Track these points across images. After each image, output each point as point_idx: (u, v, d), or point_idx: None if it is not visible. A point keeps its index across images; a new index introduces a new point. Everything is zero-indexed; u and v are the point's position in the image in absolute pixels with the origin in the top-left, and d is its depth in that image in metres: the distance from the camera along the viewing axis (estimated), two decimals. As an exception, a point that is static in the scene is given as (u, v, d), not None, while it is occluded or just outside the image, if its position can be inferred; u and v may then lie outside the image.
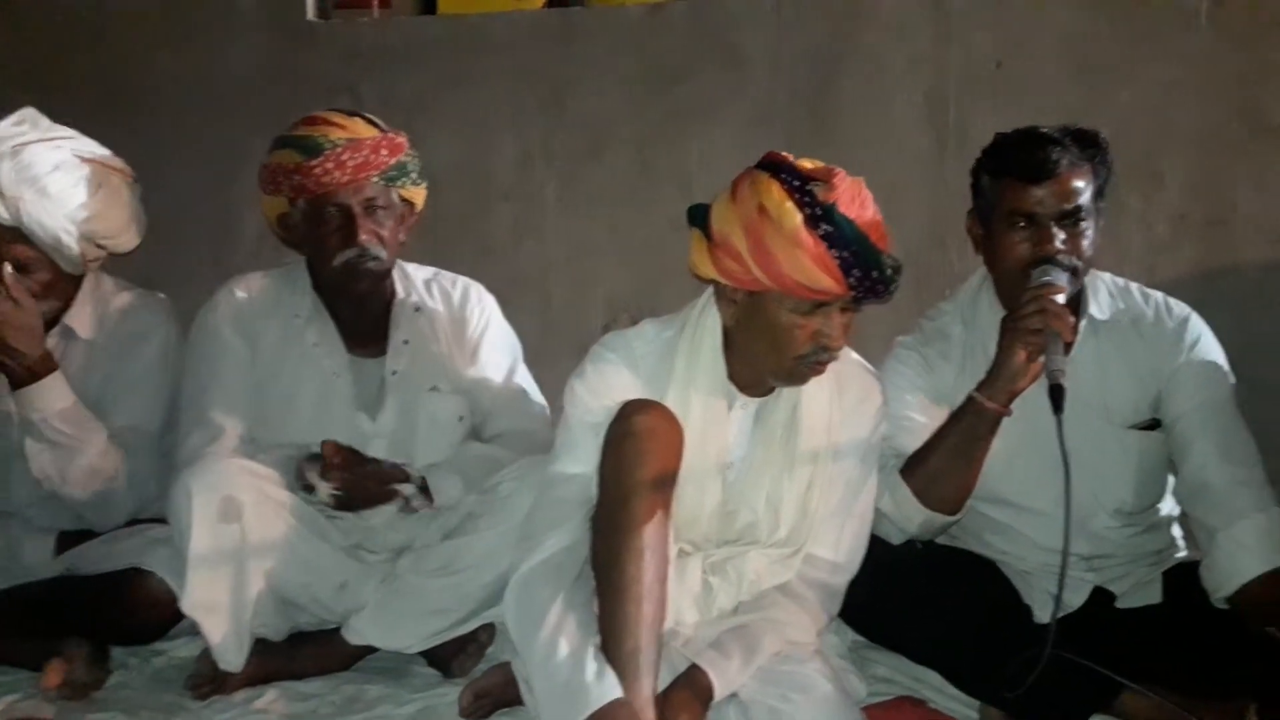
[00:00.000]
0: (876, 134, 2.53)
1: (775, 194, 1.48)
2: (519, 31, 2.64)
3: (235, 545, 1.66)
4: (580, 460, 1.54)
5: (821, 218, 1.45)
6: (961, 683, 1.66)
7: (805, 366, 1.53)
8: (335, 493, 1.74)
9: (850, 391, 1.66)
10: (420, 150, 2.03)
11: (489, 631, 1.82)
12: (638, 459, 1.45)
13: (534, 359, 2.17)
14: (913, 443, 1.73)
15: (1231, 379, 1.79)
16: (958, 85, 2.49)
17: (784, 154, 1.58)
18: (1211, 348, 1.78)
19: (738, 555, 1.59)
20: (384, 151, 1.88)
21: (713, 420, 1.59)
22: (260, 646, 1.73)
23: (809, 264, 1.44)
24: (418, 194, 2.00)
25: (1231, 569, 1.63)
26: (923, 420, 1.75)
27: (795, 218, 1.45)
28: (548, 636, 1.42)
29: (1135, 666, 1.68)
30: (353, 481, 1.76)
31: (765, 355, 1.54)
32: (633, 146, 2.60)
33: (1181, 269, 2.43)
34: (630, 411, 1.49)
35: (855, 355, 1.72)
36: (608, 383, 1.57)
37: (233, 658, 1.68)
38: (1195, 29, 2.36)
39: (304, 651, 1.79)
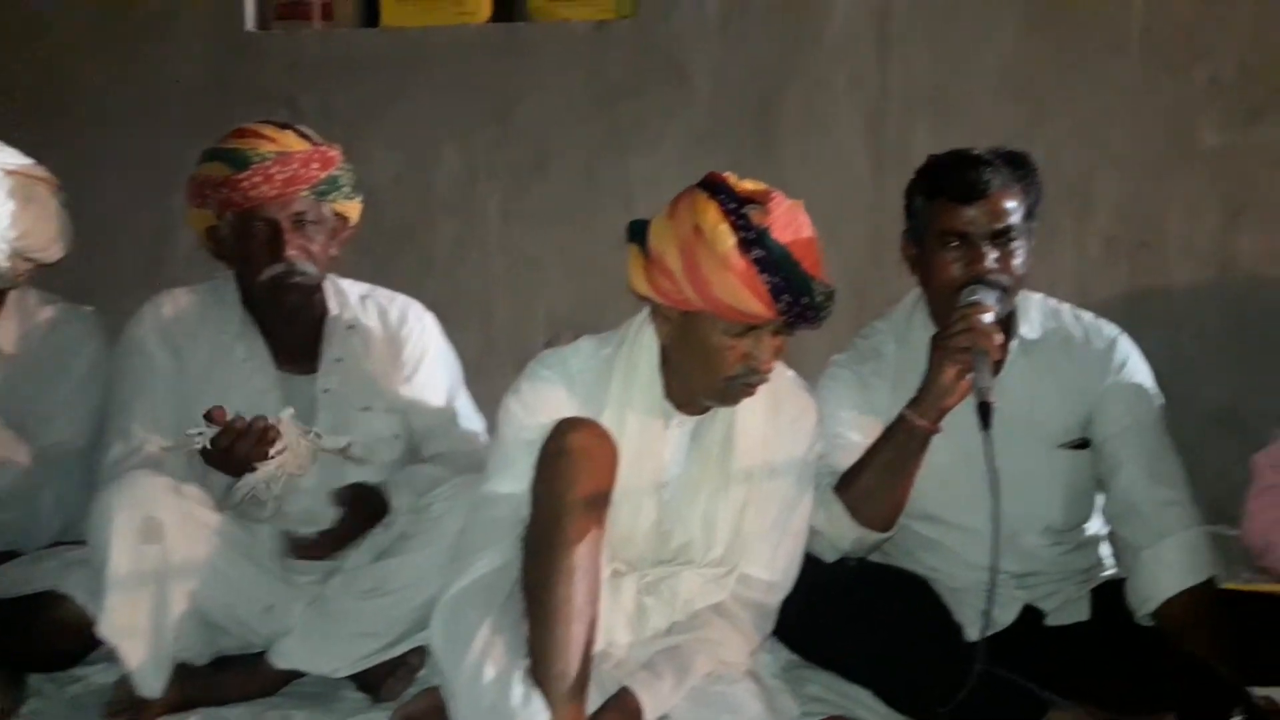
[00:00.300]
0: (818, 153, 2.56)
1: (711, 215, 1.48)
2: (463, 45, 2.63)
3: (156, 567, 1.61)
4: (513, 479, 1.52)
5: (754, 242, 1.45)
6: (892, 700, 1.66)
7: (735, 387, 1.53)
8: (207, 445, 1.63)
9: (786, 410, 1.66)
10: (361, 163, 2.00)
11: (420, 655, 1.78)
12: (571, 478, 1.44)
13: (475, 375, 2.15)
14: (847, 460, 1.73)
15: (1159, 400, 1.82)
16: (898, 106, 2.52)
17: (724, 174, 1.58)
18: (1139, 369, 1.81)
19: (672, 575, 1.58)
20: (315, 165, 1.85)
21: (649, 439, 1.58)
22: (182, 672, 1.68)
23: (739, 287, 1.44)
24: (352, 208, 1.97)
25: (1154, 586, 1.65)
26: (857, 438, 1.76)
27: (729, 240, 1.45)
28: (474, 660, 1.40)
29: (1064, 683, 1.70)
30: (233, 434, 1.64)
31: (697, 374, 1.54)
32: (577, 162, 2.60)
33: (1112, 290, 2.48)
34: (564, 429, 1.48)
35: (791, 373, 1.72)
36: (543, 400, 1.56)
37: (152, 683, 1.63)
38: (1127, 57, 2.43)
39: (227, 676, 1.75)
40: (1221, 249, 2.44)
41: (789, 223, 1.50)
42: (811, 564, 1.68)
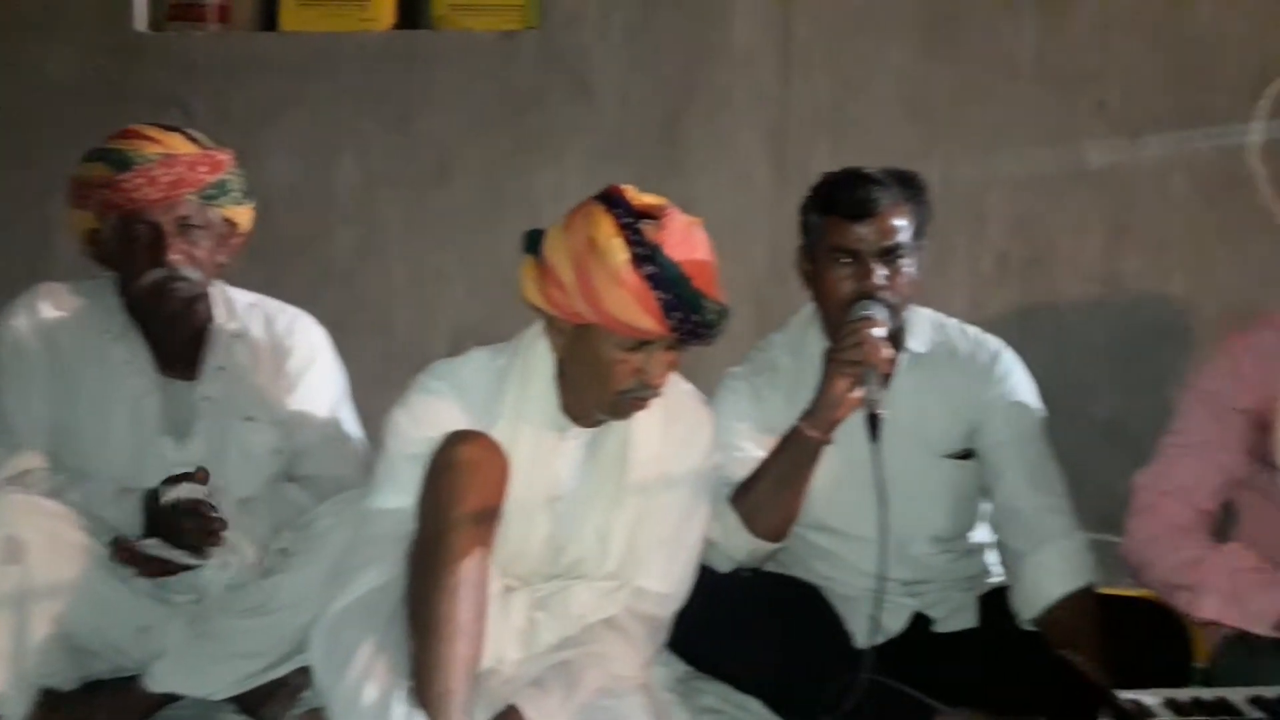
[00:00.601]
0: (723, 168, 2.58)
1: (605, 229, 1.48)
2: (365, 52, 2.59)
3: (17, 588, 1.54)
4: (399, 494, 1.49)
5: (647, 258, 1.45)
6: (781, 710, 1.68)
7: (626, 401, 1.52)
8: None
9: (681, 422, 1.66)
10: (256, 170, 1.96)
11: (303, 675, 1.72)
12: (458, 492, 1.42)
13: (375, 389, 2.10)
14: (743, 472, 1.75)
15: (1041, 410, 1.88)
16: (799, 123, 2.56)
17: (623, 188, 1.57)
18: (1022, 381, 1.87)
19: (564, 589, 1.57)
20: (203, 169, 1.81)
21: (543, 451, 1.57)
22: (48, 698, 1.60)
23: (630, 303, 1.44)
24: (242, 214, 1.92)
25: (1037, 592, 1.70)
26: (752, 449, 1.78)
27: (621, 255, 1.45)
28: (354, 680, 1.36)
29: (953, 689, 1.74)
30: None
31: (589, 387, 1.53)
32: (481, 173, 2.57)
33: (1004, 305, 2.55)
34: (452, 442, 1.46)
35: (687, 386, 1.73)
36: (431, 412, 1.53)
37: (13, 710, 1.55)
38: (1018, 80, 2.50)
39: (98, 702, 1.67)
40: (1107, 267, 2.53)
41: (683, 240, 1.50)
42: (706, 575, 1.69)
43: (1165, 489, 1.67)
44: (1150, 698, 1.25)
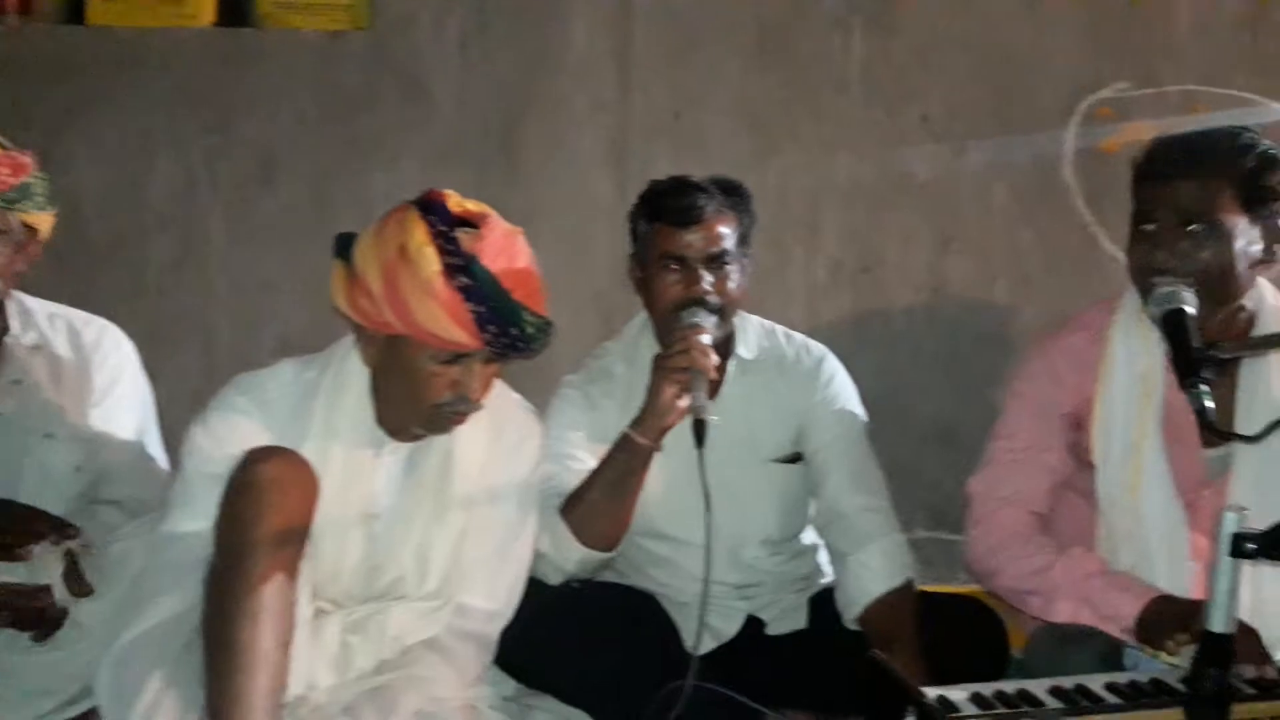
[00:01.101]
0: (563, 176, 2.56)
1: (418, 236, 1.42)
2: (182, 49, 2.45)
3: None
4: (196, 516, 1.40)
5: (461, 268, 1.40)
6: (598, 716, 1.65)
7: (444, 415, 1.48)
8: None
9: (509, 432, 1.63)
10: (62, 173, 1.84)
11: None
12: (258, 512, 1.33)
13: (195, 405, 1.98)
14: (575, 481, 1.72)
15: (863, 414, 1.92)
16: (639, 133, 2.56)
17: (444, 193, 1.52)
18: (845, 385, 1.91)
19: (381, 611, 1.50)
20: (4, 171, 1.68)
21: (357, 468, 1.50)
22: None
23: (441, 315, 1.39)
24: (42, 220, 1.79)
25: (858, 591, 1.73)
26: (586, 459, 1.76)
27: (433, 265, 1.39)
28: (141, 715, 1.27)
29: (785, 690, 1.76)
30: None
31: (403, 401, 1.48)
32: (309, 177, 2.47)
33: (839, 313, 2.61)
34: (253, 459, 1.37)
35: (515, 396, 1.69)
36: (232, 430, 1.45)
37: None
38: (848, 94, 2.57)
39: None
40: (934, 275, 2.62)
41: (502, 250, 1.45)
42: (535, 588, 1.65)
43: (1001, 496, 1.69)
44: (956, 693, 1.28)
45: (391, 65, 2.48)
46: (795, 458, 1.86)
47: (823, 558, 1.94)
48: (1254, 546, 1.08)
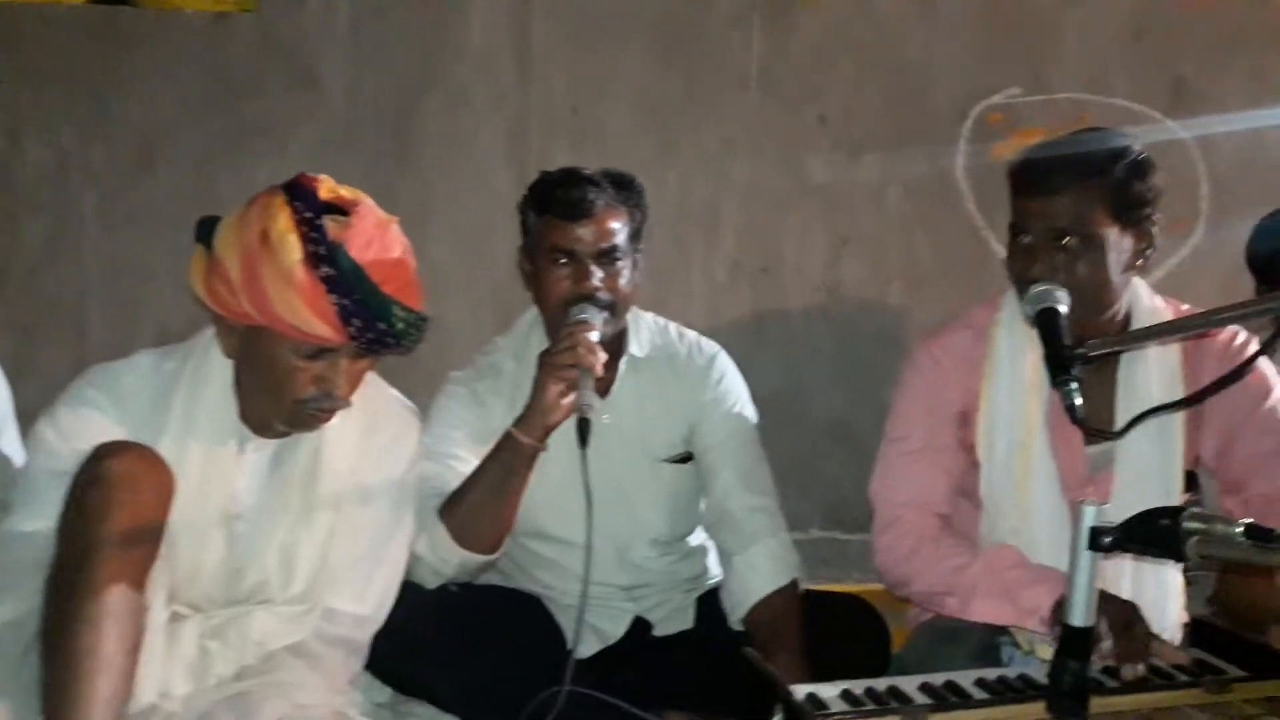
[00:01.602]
0: (461, 167, 2.51)
1: (282, 222, 1.35)
2: (54, 26, 2.33)
3: None
4: (39, 515, 1.32)
5: (324, 257, 1.34)
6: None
7: (307, 412, 1.41)
8: None
9: (383, 430, 1.57)
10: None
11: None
12: (105, 509, 1.26)
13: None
14: (457, 482, 1.67)
15: (754, 414, 1.91)
16: (538, 125, 2.53)
17: (315, 178, 1.45)
18: (736, 384, 1.90)
19: (242, 616, 1.44)
20: None
21: (218, 465, 1.44)
22: None
23: (301, 306, 1.33)
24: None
25: (743, 592, 1.72)
26: (469, 458, 1.71)
27: (295, 253, 1.33)
28: (-30, 727, 1.18)
29: (670, 693, 1.74)
30: None
31: (264, 396, 1.41)
32: (191, 162, 2.38)
33: (738, 312, 2.62)
34: (101, 455, 1.30)
35: (391, 391, 1.64)
36: (82, 424, 1.37)
37: None
38: (747, 93, 2.58)
39: None
40: (831, 276, 2.65)
41: (372, 239, 1.39)
42: (411, 591, 1.60)
43: (904, 500, 1.68)
44: (827, 690, 1.28)
45: (280, 50, 2.40)
46: (686, 457, 1.84)
47: (712, 558, 1.93)
48: (1110, 540, 1.10)
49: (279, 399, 1.40)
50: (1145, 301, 1.66)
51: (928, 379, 1.72)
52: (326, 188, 1.44)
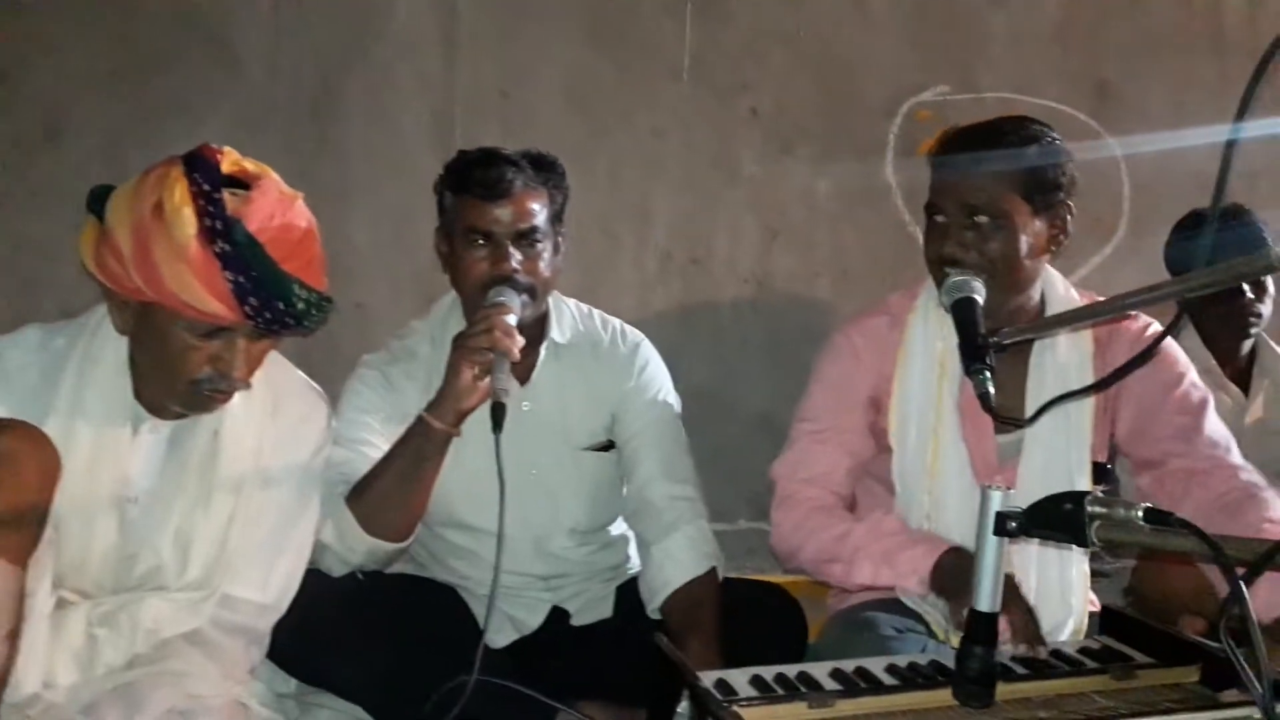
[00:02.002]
0: (384, 150, 2.45)
1: (178, 194, 1.30)
2: (-47, -9, 2.23)
3: None
4: (-91, 497, 1.24)
5: (220, 232, 1.28)
6: (382, 717, 1.56)
7: (202, 393, 1.36)
8: None
9: (288, 411, 1.52)
10: None
11: None
12: (-17, 490, 1.19)
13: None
14: (368, 468, 1.62)
15: (677, 401, 1.89)
16: (465, 109, 2.48)
17: (218, 149, 1.39)
18: (659, 372, 1.87)
19: (134, 602, 1.38)
20: None
21: (110, 446, 1.37)
22: None
23: (195, 284, 1.27)
24: None
25: (661, 579, 1.70)
26: (380, 444, 1.66)
27: (190, 227, 1.28)
28: None
29: (586, 683, 1.71)
30: None
31: (157, 375, 1.36)
32: (100, 137, 2.29)
33: (669, 302, 2.60)
34: (-23, 433, 1.23)
35: (297, 372, 1.59)
36: (-40, 401, 1.29)
37: None
38: (679, 82, 2.56)
39: None
40: (759, 269, 2.64)
41: (274, 214, 1.33)
42: (316, 579, 1.55)
43: (803, 477, 1.71)
44: (737, 676, 1.26)
45: (196, 25, 2.32)
46: (607, 446, 1.82)
47: (633, 548, 1.90)
48: (1015, 525, 1.10)
49: (172, 379, 1.34)
50: (1060, 291, 1.68)
51: (841, 364, 1.73)
52: (230, 160, 1.39)
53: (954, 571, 1.47)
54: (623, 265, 2.59)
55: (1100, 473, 1.64)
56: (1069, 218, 1.59)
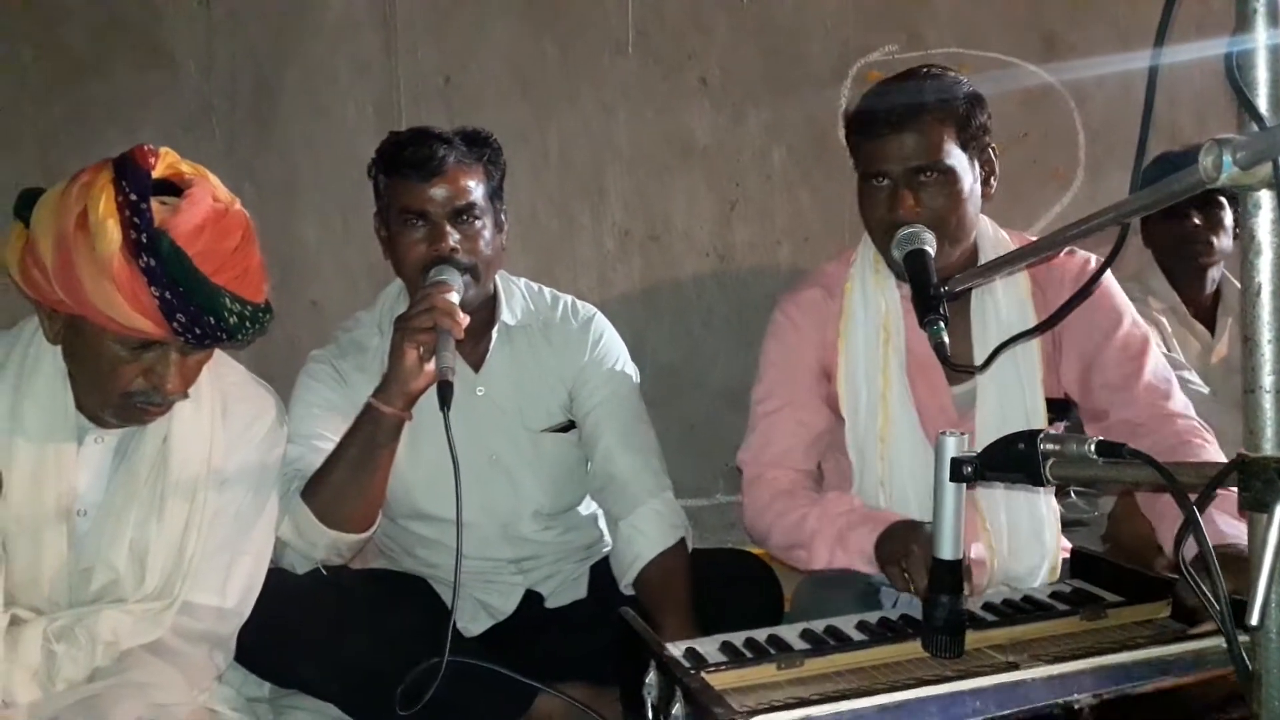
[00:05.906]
0: (326, 142, 2.41)
1: (103, 205, 1.25)
2: None
3: None
4: None
5: (146, 246, 1.23)
6: (357, 713, 1.54)
7: (134, 407, 1.32)
8: None
9: (237, 413, 1.48)
10: None
11: None
12: (-84, 510, 1.16)
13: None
14: (322, 462, 1.59)
15: (635, 373, 1.87)
16: (408, 96, 2.44)
17: (153, 151, 1.34)
18: (615, 344, 1.85)
19: (91, 614, 1.34)
20: None
21: (52, 460, 1.34)
22: None
23: (119, 299, 1.23)
24: None
25: (632, 555, 1.68)
26: (334, 438, 1.63)
27: (113, 242, 1.23)
28: None
29: (563, 664, 1.69)
30: None
31: (90, 387, 1.32)
32: (32, 147, 2.23)
33: (629, 281, 2.57)
34: (-94, 449, 1.19)
35: (242, 371, 1.55)
36: (-112, 418, 1.25)
37: None
38: (625, 57, 2.52)
39: None
40: (720, 241, 2.62)
41: (205, 224, 1.28)
42: (279, 578, 1.53)
43: (766, 460, 1.71)
44: (706, 644, 1.25)
45: (126, 26, 2.27)
46: (567, 426, 1.79)
47: (604, 525, 1.88)
48: (970, 470, 1.08)
49: (104, 391, 1.30)
50: (990, 234, 1.68)
51: (783, 340, 1.73)
52: (166, 163, 1.34)
53: (892, 543, 1.44)
54: (581, 245, 2.56)
55: (1060, 408, 1.64)
56: (994, 158, 1.61)
